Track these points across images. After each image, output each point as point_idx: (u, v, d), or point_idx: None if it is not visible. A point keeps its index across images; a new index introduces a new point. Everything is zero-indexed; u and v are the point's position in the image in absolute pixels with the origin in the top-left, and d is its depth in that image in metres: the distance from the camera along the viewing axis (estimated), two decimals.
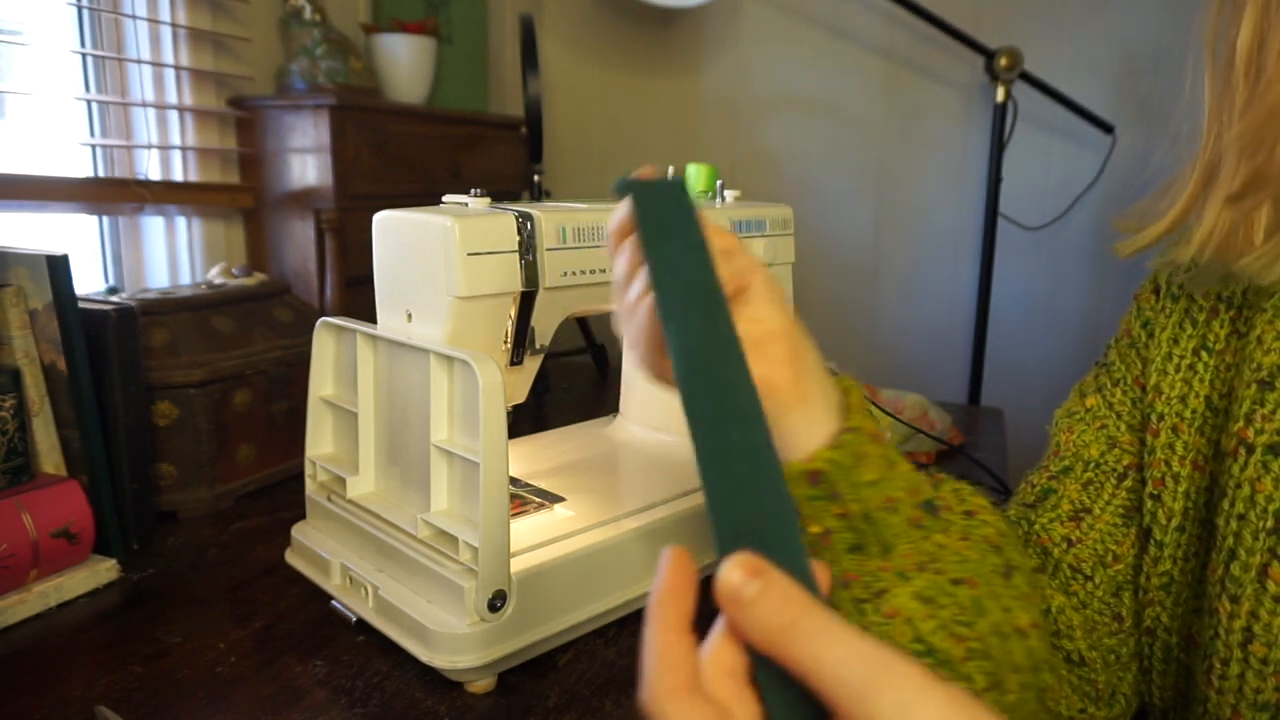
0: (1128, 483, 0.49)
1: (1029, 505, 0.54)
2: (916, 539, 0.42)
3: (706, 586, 0.28)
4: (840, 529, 0.41)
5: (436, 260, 0.66)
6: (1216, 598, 0.42)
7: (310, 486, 0.76)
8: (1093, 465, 0.51)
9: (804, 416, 0.42)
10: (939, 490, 0.45)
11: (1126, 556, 0.50)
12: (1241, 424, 0.42)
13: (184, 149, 1.32)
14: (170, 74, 1.30)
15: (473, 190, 0.72)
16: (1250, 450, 0.42)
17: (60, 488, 0.77)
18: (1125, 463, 0.50)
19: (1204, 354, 0.46)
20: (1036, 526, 0.52)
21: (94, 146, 1.28)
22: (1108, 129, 1.62)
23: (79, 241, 1.28)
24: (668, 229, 0.39)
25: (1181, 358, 0.47)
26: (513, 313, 0.71)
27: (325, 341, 0.75)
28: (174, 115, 1.31)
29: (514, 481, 0.81)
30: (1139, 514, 0.50)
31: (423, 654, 0.62)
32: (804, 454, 0.41)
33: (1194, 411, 0.46)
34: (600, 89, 2.05)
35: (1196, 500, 0.46)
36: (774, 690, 0.26)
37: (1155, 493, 0.47)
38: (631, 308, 0.43)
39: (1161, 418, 0.47)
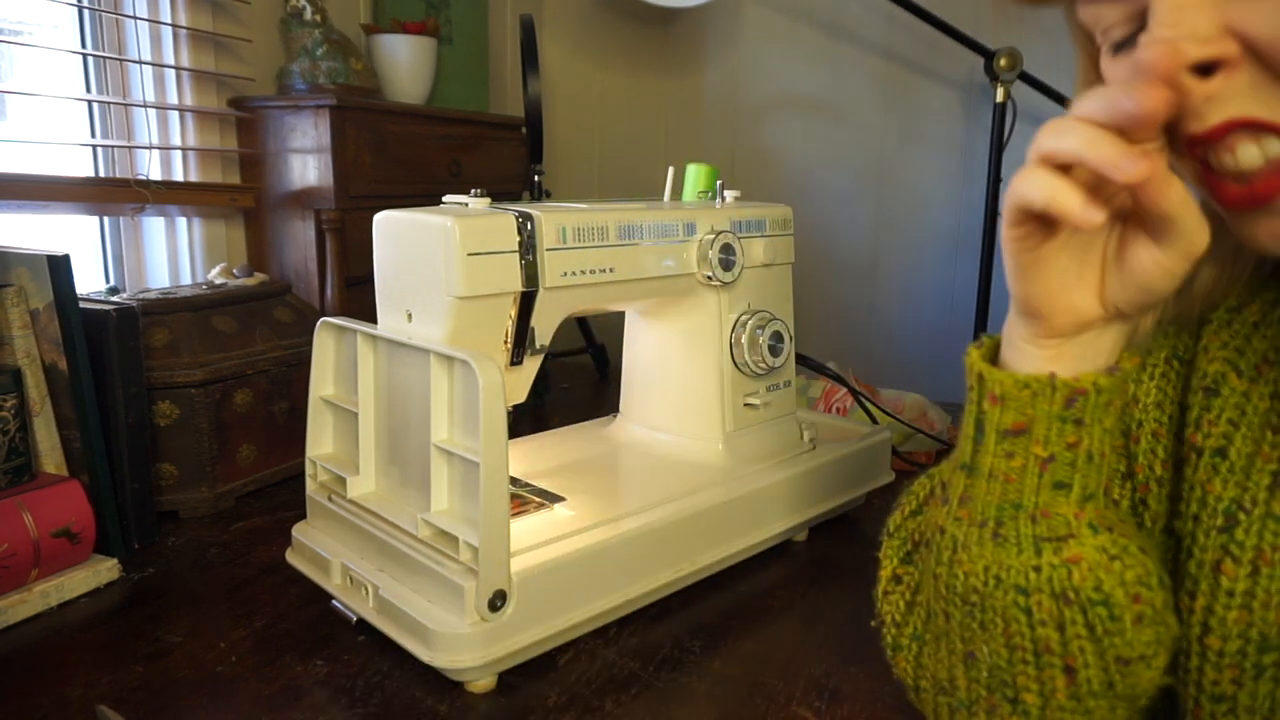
0: (1130, 483, 0.50)
1: None
2: (1105, 501, 0.42)
3: (703, 590, 0.28)
4: (1063, 460, 0.40)
5: (436, 260, 0.66)
6: (1179, 596, 0.43)
7: (310, 486, 0.76)
8: None
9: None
10: None
11: None
12: (1191, 429, 0.44)
13: (185, 149, 1.32)
14: (171, 74, 1.30)
15: (473, 190, 0.72)
16: (1199, 454, 0.43)
17: (61, 487, 0.77)
18: (1124, 467, 0.50)
19: (1175, 362, 0.47)
20: None
21: (95, 147, 1.28)
22: None
23: (80, 241, 1.28)
24: None
25: (1155, 366, 0.48)
26: (513, 313, 0.71)
27: (325, 341, 0.75)
28: (175, 116, 1.32)
29: (514, 481, 0.81)
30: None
31: (423, 654, 0.62)
32: (1076, 370, 0.40)
33: (1171, 418, 0.47)
34: (600, 89, 2.05)
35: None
36: None
37: (1142, 497, 0.48)
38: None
39: (1140, 424, 0.48)
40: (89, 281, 1.29)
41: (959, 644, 0.43)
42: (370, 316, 0.74)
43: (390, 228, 0.71)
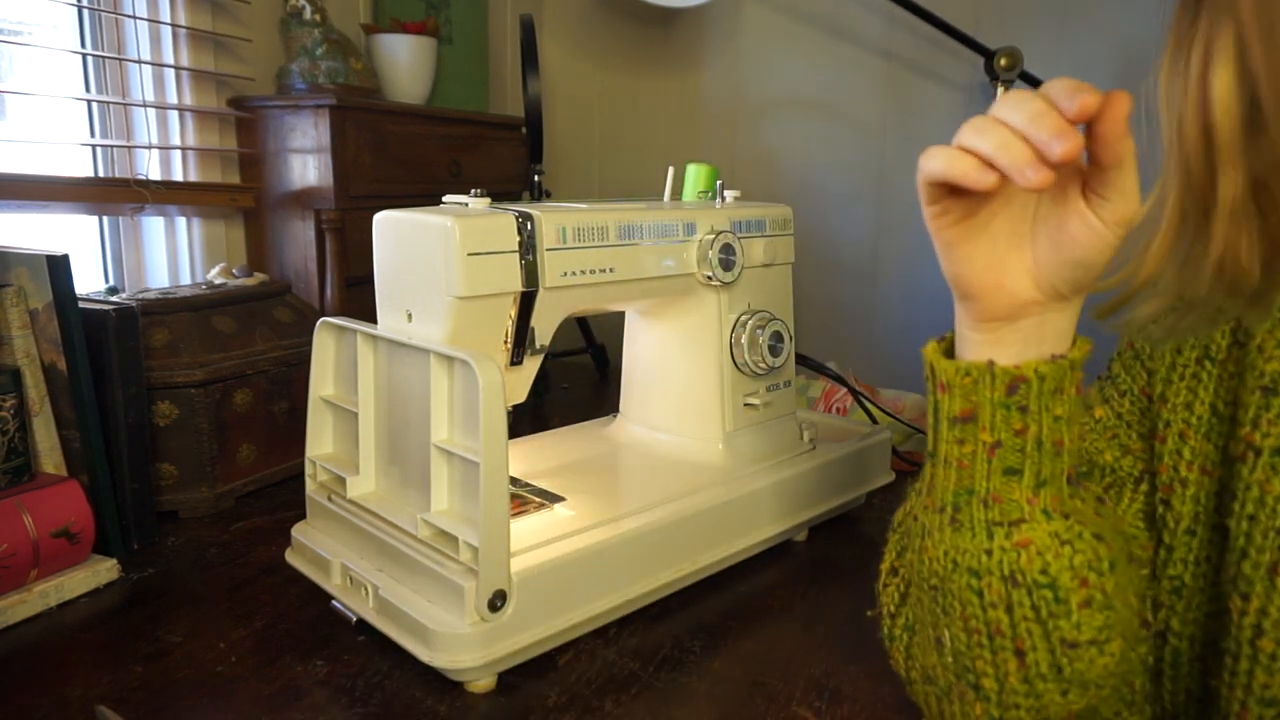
0: (1144, 487, 0.50)
1: None
2: (1065, 491, 0.43)
3: (703, 590, 0.28)
4: (1010, 446, 0.41)
5: (436, 260, 0.66)
6: (1229, 597, 0.43)
7: (310, 486, 0.76)
8: (1109, 471, 0.51)
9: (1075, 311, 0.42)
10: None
11: (1148, 560, 0.50)
12: (1248, 429, 0.44)
13: (184, 149, 1.32)
14: (170, 74, 1.30)
15: (473, 190, 0.72)
16: (1258, 453, 0.43)
17: (61, 488, 0.77)
18: (1140, 469, 0.50)
19: (1207, 363, 0.47)
20: None
21: (94, 146, 1.28)
22: None
23: (79, 241, 1.28)
24: None
25: (1185, 366, 0.48)
26: (513, 313, 0.71)
27: (325, 341, 0.75)
28: (174, 115, 1.31)
29: (514, 481, 0.81)
30: (1154, 519, 0.50)
31: (423, 654, 0.62)
32: (1017, 359, 0.41)
33: (1200, 418, 0.47)
34: (600, 89, 2.05)
35: (1206, 505, 0.47)
36: None
37: (1165, 498, 0.48)
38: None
39: (1168, 425, 0.48)
40: (88, 281, 1.29)
41: (930, 630, 0.44)
42: (370, 316, 0.74)
43: (390, 228, 0.71)
